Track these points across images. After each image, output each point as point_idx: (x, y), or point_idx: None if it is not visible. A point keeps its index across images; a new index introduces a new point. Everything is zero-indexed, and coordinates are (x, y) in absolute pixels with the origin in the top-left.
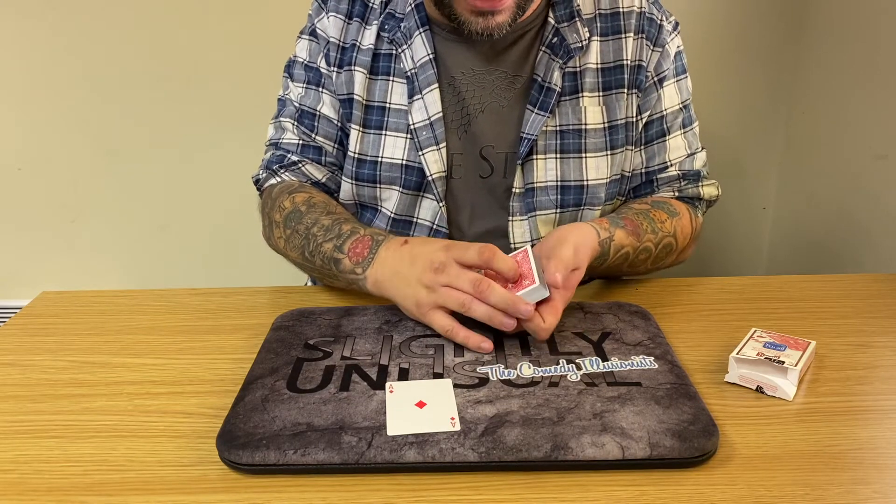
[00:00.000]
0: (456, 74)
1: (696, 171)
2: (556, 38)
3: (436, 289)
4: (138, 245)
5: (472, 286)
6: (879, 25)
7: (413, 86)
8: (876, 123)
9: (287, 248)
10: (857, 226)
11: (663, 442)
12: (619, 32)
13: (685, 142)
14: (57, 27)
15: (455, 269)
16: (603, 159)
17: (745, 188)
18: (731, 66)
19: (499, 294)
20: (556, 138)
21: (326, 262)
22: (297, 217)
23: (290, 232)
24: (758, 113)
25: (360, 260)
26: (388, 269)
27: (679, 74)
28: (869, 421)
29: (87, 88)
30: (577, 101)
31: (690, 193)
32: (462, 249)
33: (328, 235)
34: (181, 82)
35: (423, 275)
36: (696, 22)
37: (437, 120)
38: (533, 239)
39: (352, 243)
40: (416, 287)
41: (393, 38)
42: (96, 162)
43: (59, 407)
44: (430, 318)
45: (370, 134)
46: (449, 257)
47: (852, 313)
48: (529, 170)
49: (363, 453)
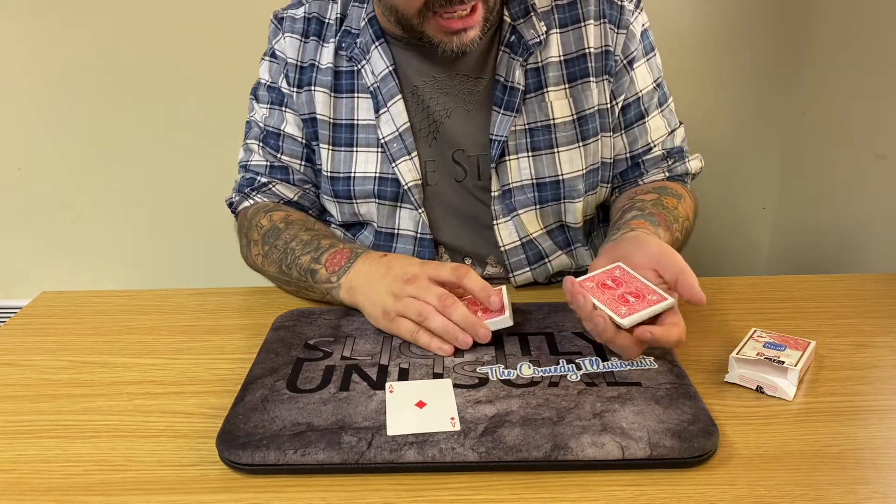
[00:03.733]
0: (418, 83)
1: (678, 147)
2: (513, 35)
3: (402, 297)
4: (138, 245)
5: (437, 299)
6: (879, 25)
7: (377, 100)
8: (876, 123)
9: (264, 264)
10: (857, 226)
11: (663, 442)
12: (577, 21)
13: (664, 120)
14: (57, 27)
15: (425, 282)
16: (576, 151)
17: (745, 188)
18: (731, 67)
19: (462, 312)
20: (526, 137)
21: (303, 274)
22: (275, 234)
23: (268, 248)
24: (758, 113)
25: (337, 269)
26: (363, 276)
27: (648, 53)
28: (869, 421)
29: (87, 89)
30: (542, 96)
31: (679, 171)
32: (436, 266)
33: (306, 249)
34: (181, 82)
35: (393, 284)
36: (696, 22)
37: (405, 130)
38: (521, 238)
39: (330, 255)
40: (384, 295)
41: (351, 55)
42: (96, 162)
43: (59, 407)
44: (395, 324)
45: (340, 151)
46: (423, 271)
47: (852, 313)
48: (504, 171)
49: (363, 453)
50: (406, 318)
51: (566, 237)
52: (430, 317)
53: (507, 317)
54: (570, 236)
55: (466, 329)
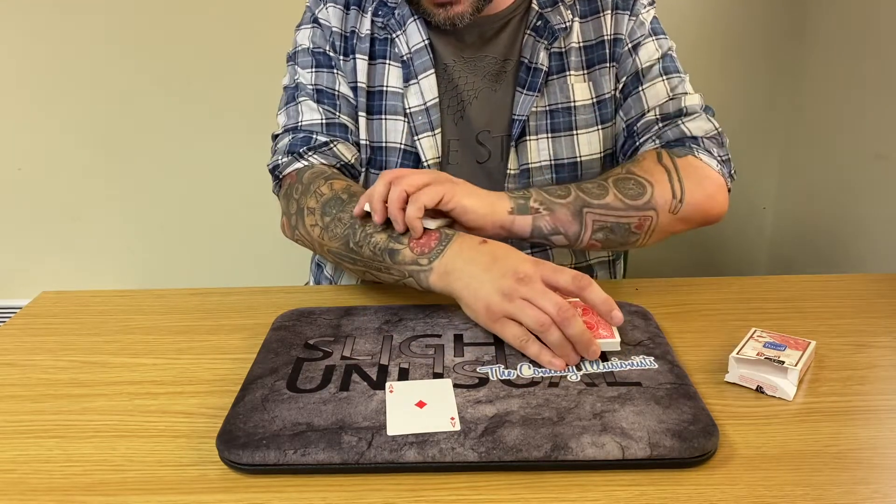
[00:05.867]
0: (448, 62)
1: (679, 109)
2: (539, 21)
3: (514, 299)
4: (138, 245)
5: (556, 309)
6: (879, 26)
7: (409, 70)
8: (876, 123)
9: (323, 237)
10: (857, 226)
11: (663, 442)
12: (597, 12)
13: (666, 87)
14: (57, 28)
15: (540, 286)
16: (594, 134)
17: (745, 188)
18: (731, 67)
19: (580, 328)
20: (546, 118)
21: (379, 253)
22: (338, 204)
23: (330, 220)
24: (758, 113)
25: (427, 251)
26: (462, 262)
27: (658, 34)
28: (869, 421)
29: (87, 89)
30: (564, 79)
31: (671, 135)
32: (553, 270)
33: (380, 226)
34: (182, 82)
35: (502, 280)
36: (696, 22)
37: (433, 105)
38: None
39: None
40: (490, 290)
41: (387, 23)
42: (96, 162)
43: (59, 407)
44: (500, 325)
45: (374, 120)
46: (537, 272)
47: (852, 313)
48: (523, 151)
49: (363, 453)
50: (514, 322)
51: None
52: (549, 329)
53: (617, 341)
54: None
55: (579, 346)
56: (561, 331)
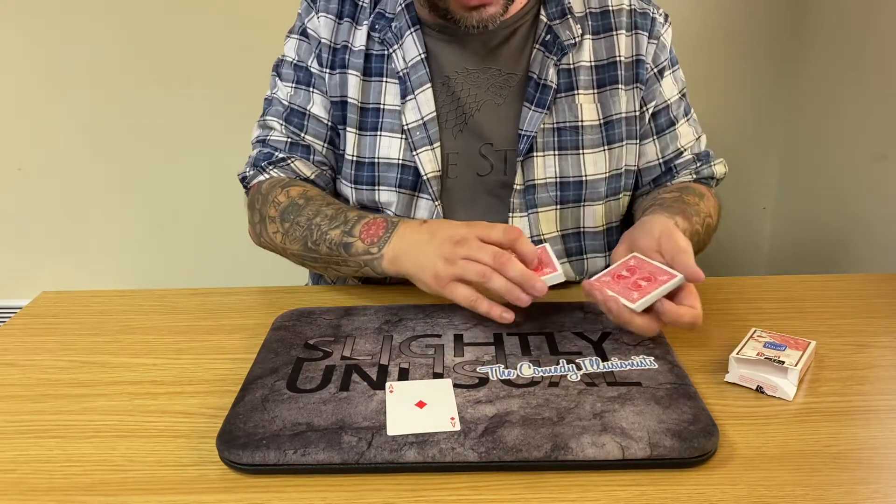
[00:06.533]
0: (450, 74)
1: (705, 151)
2: (549, 35)
3: (455, 261)
4: (138, 245)
5: (492, 258)
6: (880, 25)
7: (405, 86)
8: (876, 123)
9: (285, 242)
10: (857, 226)
11: (663, 442)
12: (609, 30)
13: (691, 128)
14: (57, 27)
15: (476, 243)
16: (600, 155)
17: (745, 188)
18: (731, 67)
19: (518, 268)
20: (554, 135)
21: (335, 249)
22: (295, 210)
23: (289, 225)
24: (758, 113)
25: (376, 240)
26: (407, 243)
27: (674, 66)
28: (869, 421)
29: (87, 89)
30: (572, 98)
31: (706, 173)
32: (485, 227)
33: (333, 223)
34: (181, 82)
35: (441, 247)
36: (696, 22)
37: (430, 120)
38: (532, 236)
39: (363, 226)
40: (434, 259)
41: (384, 38)
42: (96, 162)
43: (59, 407)
44: (449, 289)
45: (366, 136)
46: (471, 232)
47: (852, 313)
48: (529, 167)
49: (363, 453)
50: (461, 283)
51: (580, 245)
52: (491, 277)
53: (560, 273)
54: (584, 244)
55: (524, 285)
56: (504, 276)
